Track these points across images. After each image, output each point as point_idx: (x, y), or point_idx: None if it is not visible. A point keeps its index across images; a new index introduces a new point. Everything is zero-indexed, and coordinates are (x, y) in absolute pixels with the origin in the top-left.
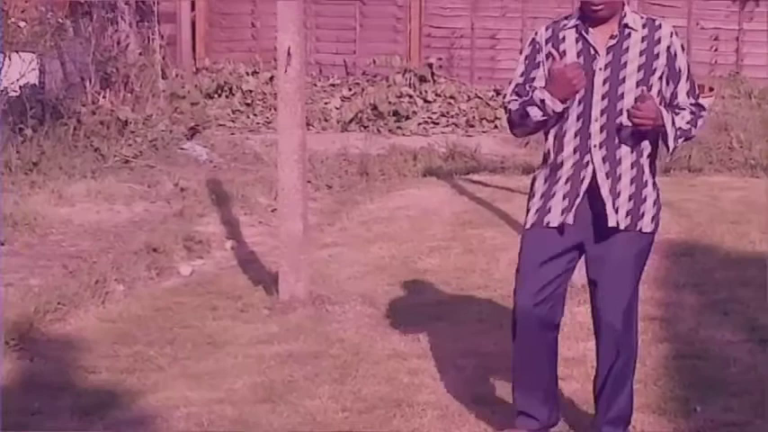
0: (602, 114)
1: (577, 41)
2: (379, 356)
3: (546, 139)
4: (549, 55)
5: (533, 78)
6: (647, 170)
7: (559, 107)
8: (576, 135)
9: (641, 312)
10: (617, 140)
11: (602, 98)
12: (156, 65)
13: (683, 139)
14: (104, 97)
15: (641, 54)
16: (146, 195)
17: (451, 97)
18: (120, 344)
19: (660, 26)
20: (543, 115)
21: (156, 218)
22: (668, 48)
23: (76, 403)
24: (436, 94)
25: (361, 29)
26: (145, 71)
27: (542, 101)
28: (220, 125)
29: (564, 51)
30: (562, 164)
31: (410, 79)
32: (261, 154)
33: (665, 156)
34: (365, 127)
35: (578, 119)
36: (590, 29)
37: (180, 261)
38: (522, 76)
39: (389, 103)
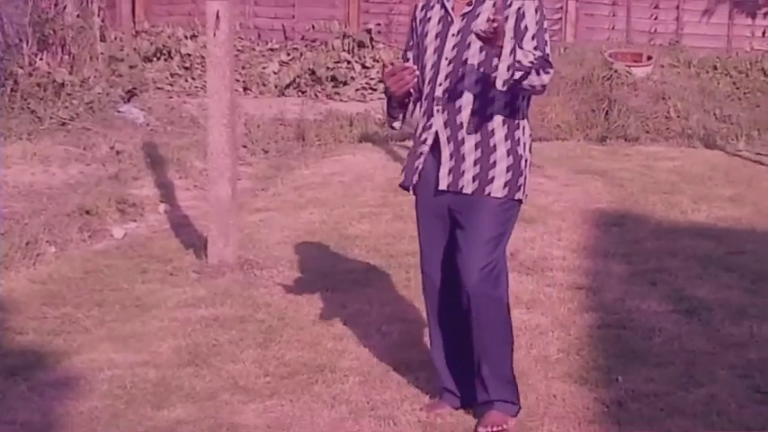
0: (446, 78)
1: (441, 8)
2: (304, 322)
3: None
4: (421, 21)
5: (411, 47)
6: (498, 135)
7: (393, 106)
8: (425, 98)
9: (568, 282)
10: (459, 104)
11: (449, 63)
12: (94, 27)
13: (521, 73)
14: (41, 59)
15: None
16: (81, 158)
17: (390, 63)
18: (48, 305)
19: None
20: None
21: (90, 180)
22: (518, 9)
23: (1, 363)
24: (374, 60)
25: None
26: (83, 33)
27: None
28: (158, 88)
29: (429, 18)
30: (419, 126)
31: (349, 45)
32: (197, 118)
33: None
34: (303, 92)
35: (429, 83)
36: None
37: (113, 224)
38: (405, 44)
39: (327, 68)
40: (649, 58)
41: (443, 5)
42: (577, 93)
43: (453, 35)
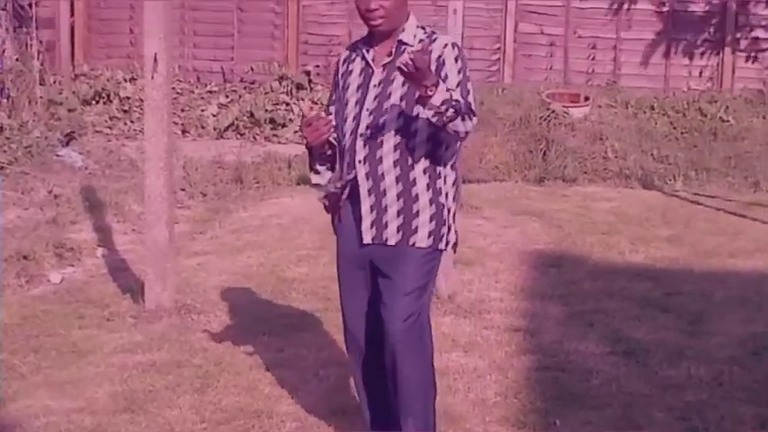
0: (367, 129)
1: (362, 60)
2: (241, 367)
3: None
4: (343, 74)
5: (333, 102)
6: (420, 185)
7: (314, 157)
8: (348, 150)
9: (506, 324)
10: (380, 155)
11: (370, 114)
12: (33, 71)
13: (452, 111)
14: None
15: None
16: (19, 202)
17: (314, 102)
18: None
19: (436, 39)
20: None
21: (28, 225)
22: (438, 57)
23: None
24: (313, 102)
25: (239, 35)
26: (22, 77)
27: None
28: (97, 132)
29: (351, 71)
30: (343, 178)
31: (287, 86)
32: (136, 161)
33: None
34: (241, 134)
35: (350, 134)
36: (374, 46)
37: (50, 269)
38: (328, 99)
39: (266, 110)
40: (587, 98)
41: (364, 57)
42: (515, 133)
43: (375, 86)
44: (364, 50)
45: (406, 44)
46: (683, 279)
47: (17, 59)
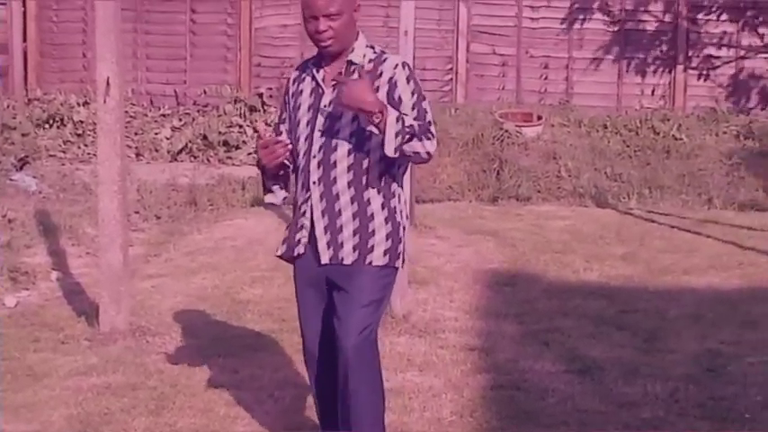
0: (319, 150)
1: (312, 80)
2: (196, 388)
3: None
4: (293, 94)
5: (284, 120)
6: (374, 204)
7: (268, 178)
8: (302, 171)
9: (461, 343)
10: (333, 175)
11: (322, 135)
12: None
13: (407, 138)
14: None
15: None
16: None
17: (267, 124)
18: None
19: (386, 60)
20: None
21: None
22: (390, 79)
23: None
24: (266, 124)
25: (192, 59)
26: None
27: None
28: (51, 156)
29: (301, 91)
30: (299, 199)
31: (240, 109)
32: (90, 184)
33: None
34: (195, 157)
35: (304, 156)
36: (324, 66)
37: (5, 292)
38: (278, 118)
39: (219, 132)
40: (539, 117)
41: (314, 77)
42: (468, 153)
43: (325, 106)
44: (314, 71)
45: (355, 64)
46: (637, 297)
47: None
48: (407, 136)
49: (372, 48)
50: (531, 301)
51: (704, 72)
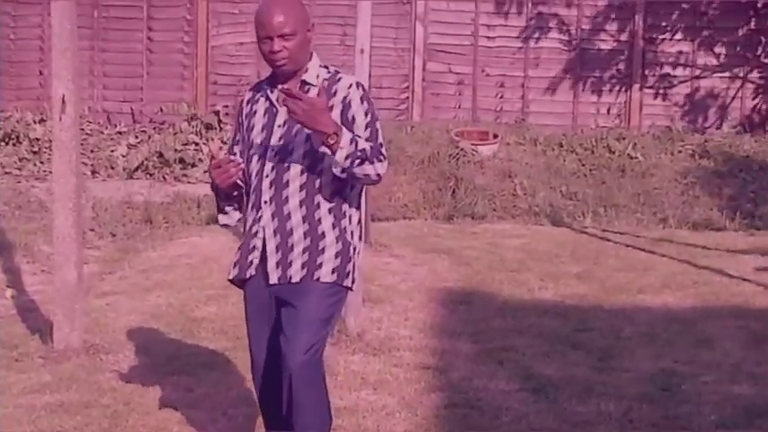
0: (272, 170)
1: (266, 100)
2: (150, 407)
3: None
4: (247, 115)
5: (237, 142)
6: (325, 223)
7: (221, 199)
8: (254, 191)
9: (415, 362)
10: (286, 195)
11: (275, 155)
12: None
13: (358, 161)
14: None
15: None
16: None
17: (223, 142)
18: None
19: (340, 79)
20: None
21: None
22: (344, 99)
23: None
24: (222, 142)
25: (148, 76)
26: None
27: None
28: (6, 173)
29: (255, 111)
30: (249, 219)
31: (197, 127)
32: (46, 202)
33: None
34: (151, 174)
35: (256, 175)
36: (278, 85)
37: None
38: (231, 139)
39: (175, 150)
40: (495, 136)
41: (268, 97)
42: (424, 171)
43: (279, 126)
44: (268, 91)
45: (309, 84)
46: (592, 315)
47: None
48: (358, 159)
49: (326, 67)
50: (485, 319)
51: (660, 91)
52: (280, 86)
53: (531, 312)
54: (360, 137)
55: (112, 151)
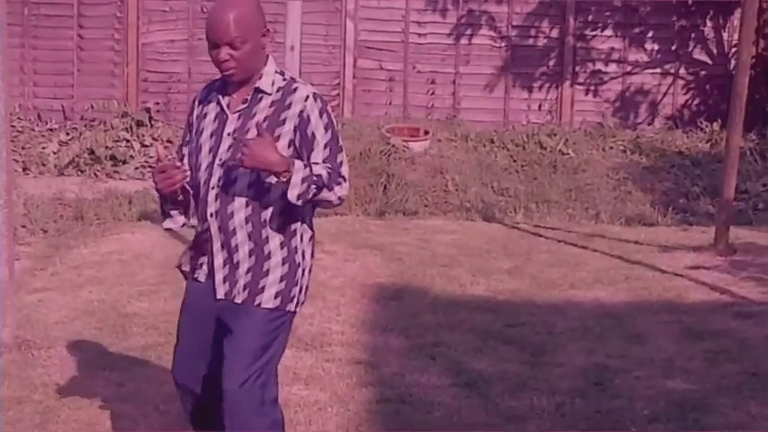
0: (219, 181)
1: (217, 105)
2: (81, 402)
3: None
4: (198, 116)
5: (187, 143)
6: (272, 243)
7: (166, 202)
8: (201, 201)
9: (347, 357)
10: (231, 210)
11: (222, 165)
12: None
13: (314, 188)
14: None
15: (265, 119)
16: None
17: (169, 141)
18: None
19: (296, 90)
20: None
21: None
22: (300, 112)
23: None
24: (153, 138)
25: (79, 73)
26: None
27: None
28: None
29: (206, 114)
30: (198, 225)
31: (128, 124)
32: None
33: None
34: (82, 171)
35: (203, 185)
36: (231, 92)
37: None
38: (181, 139)
39: (107, 147)
40: (426, 132)
41: (219, 102)
42: (355, 168)
43: (228, 134)
44: (219, 96)
45: (263, 92)
46: (524, 310)
47: None
48: (315, 190)
49: (282, 74)
50: (417, 314)
51: (591, 87)
52: (235, 137)
53: (462, 308)
54: (316, 162)
55: (44, 148)
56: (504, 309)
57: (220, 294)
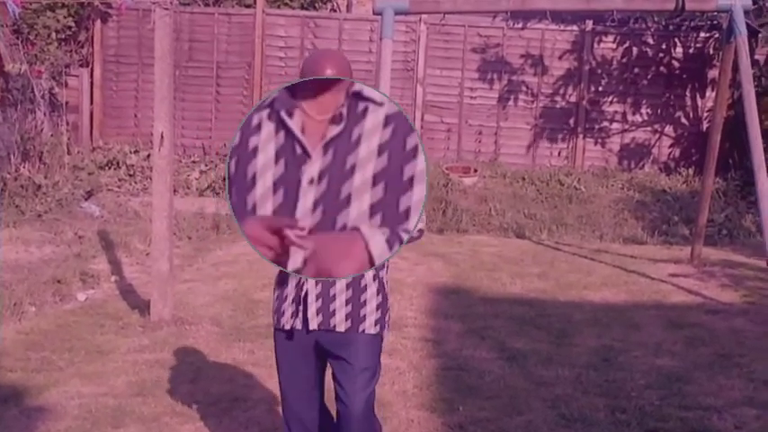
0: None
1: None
2: (222, 364)
3: None
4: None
5: None
6: (368, 275)
7: None
8: None
9: (419, 336)
10: None
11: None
12: (63, 143)
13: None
14: (24, 167)
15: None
16: (53, 241)
17: None
18: (31, 350)
19: None
20: None
21: (60, 258)
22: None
23: None
24: None
25: (216, 120)
26: (55, 148)
27: None
28: (109, 190)
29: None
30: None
31: None
32: (139, 212)
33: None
34: (217, 193)
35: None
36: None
37: (77, 290)
38: None
39: None
40: (475, 170)
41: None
42: None
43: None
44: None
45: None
46: (550, 305)
47: (51, 135)
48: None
49: None
50: (470, 306)
51: (599, 140)
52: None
53: (504, 301)
54: None
55: (188, 175)
56: (535, 303)
57: (313, 326)
